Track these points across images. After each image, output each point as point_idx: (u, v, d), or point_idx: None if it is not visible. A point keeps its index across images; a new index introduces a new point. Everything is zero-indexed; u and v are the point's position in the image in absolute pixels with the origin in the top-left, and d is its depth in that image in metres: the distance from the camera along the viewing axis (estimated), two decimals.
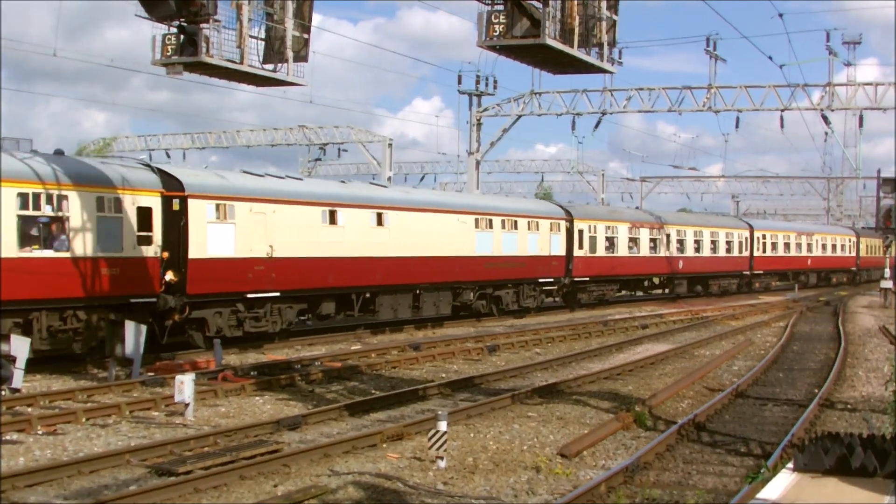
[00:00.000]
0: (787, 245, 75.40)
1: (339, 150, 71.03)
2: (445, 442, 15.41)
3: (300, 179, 36.30)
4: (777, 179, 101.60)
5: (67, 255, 25.20)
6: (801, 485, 8.69)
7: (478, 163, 56.01)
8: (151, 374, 24.47)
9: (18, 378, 21.45)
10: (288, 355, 29.24)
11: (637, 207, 69.78)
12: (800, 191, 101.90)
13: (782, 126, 52.93)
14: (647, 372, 27.42)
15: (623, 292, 59.15)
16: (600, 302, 53.34)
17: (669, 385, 24.20)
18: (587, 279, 50.38)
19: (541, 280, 46.47)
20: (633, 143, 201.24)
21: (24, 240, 24.32)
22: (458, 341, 33.24)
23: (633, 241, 54.77)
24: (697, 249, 62.23)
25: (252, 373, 24.90)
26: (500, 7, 19.03)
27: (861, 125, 53.33)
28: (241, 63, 21.56)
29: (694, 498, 13.62)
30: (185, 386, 19.15)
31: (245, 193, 30.39)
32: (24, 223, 24.33)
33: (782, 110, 50.56)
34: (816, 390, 23.52)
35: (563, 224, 48.27)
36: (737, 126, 53.57)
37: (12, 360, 21.40)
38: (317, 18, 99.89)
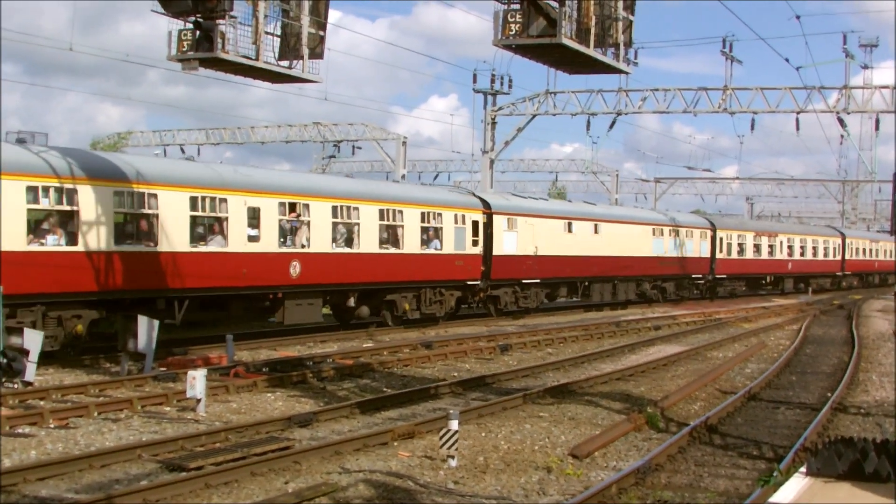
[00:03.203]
0: (863, 250, 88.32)
1: (353, 147, 70.96)
2: (457, 441, 15.39)
3: (546, 200, 51.01)
4: (792, 182, 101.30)
5: (442, 252, 37.91)
6: (813, 489, 8.64)
7: (492, 162, 55.93)
8: (163, 369, 24.51)
9: (31, 371, 21.48)
10: (300, 352, 29.26)
11: (652, 208, 71.03)
12: (815, 193, 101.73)
13: (798, 128, 53.00)
14: (660, 373, 27.36)
15: (743, 288, 69.30)
16: (731, 295, 65.09)
17: (682, 387, 24.15)
18: (724, 276, 63.31)
19: (693, 276, 59.96)
20: (649, 143, 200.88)
21: (422, 243, 36.99)
22: (471, 340, 33.23)
23: (756, 246, 67.44)
24: (802, 254, 74.64)
25: (264, 369, 24.92)
26: (517, 6, 18.99)
27: (877, 128, 53.17)
28: (257, 59, 21.59)
29: (705, 500, 13.59)
30: (196, 381, 19.16)
31: (522, 210, 43.83)
32: (422, 232, 37.08)
33: (798, 112, 50.37)
34: (829, 394, 23.44)
35: (709, 232, 61.57)
36: (752, 128, 53.45)
37: (25, 353, 21.45)
38: (335, 16, 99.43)
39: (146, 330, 24.07)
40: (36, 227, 24.37)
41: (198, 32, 21.03)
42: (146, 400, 20.36)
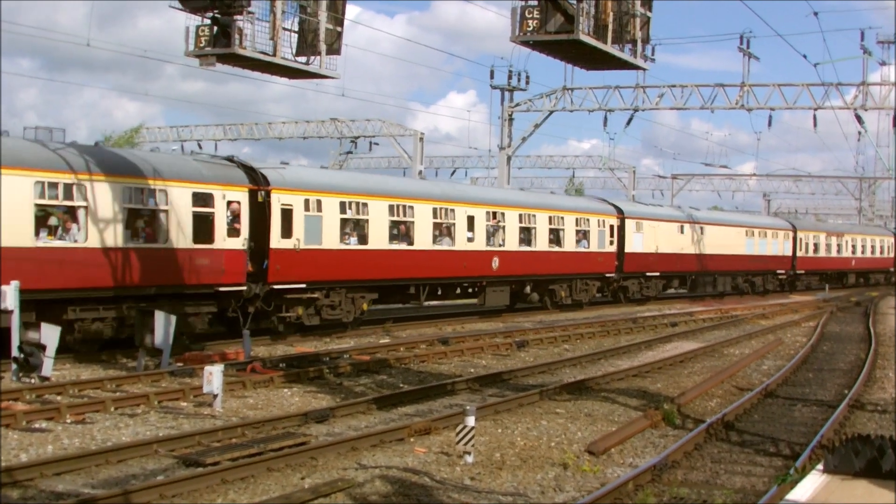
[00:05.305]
0: None
1: (370, 143, 70.84)
2: (473, 437, 15.40)
3: (660, 206, 60.24)
4: (809, 179, 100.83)
5: (589, 250, 46.82)
6: (830, 487, 8.63)
7: (509, 158, 55.83)
8: (180, 364, 24.55)
9: (48, 366, 21.59)
10: (317, 348, 29.29)
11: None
12: (832, 190, 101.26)
13: (815, 125, 52.50)
14: (676, 370, 27.32)
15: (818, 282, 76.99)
16: (807, 288, 73.70)
17: (698, 383, 24.10)
18: (803, 272, 72.98)
19: (777, 272, 69.45)
20: (667, 140, 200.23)
21: (576, 242, 45.90)
22: (487, 336, 33.21)
23: (828, 245, 77.27)
24: (862, 251, 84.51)
25: (280, 365, 24.95)
26: (534, 2, 18.96)
27: (895, 125, 52.82)
28: (274, 55, 21.58)
29: (722, 497, 13.56)
30: (213, 377, 19.20)
31: (646, 215, 52.79)
32: (576, 234, 45.78)
33: (815, 109, 50.10)
34: (846, 391, 23.36)
35: (790, 234, 71.05)
36: (769, 124, 53.18)
37: (42, 348, 21.54)
38: (354, 11, 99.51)
39: (164, 325, 24.15)
40: (342, 230, 32.58)
41: (215, 28, 21.05)
42: (163, 395, 20.42)
